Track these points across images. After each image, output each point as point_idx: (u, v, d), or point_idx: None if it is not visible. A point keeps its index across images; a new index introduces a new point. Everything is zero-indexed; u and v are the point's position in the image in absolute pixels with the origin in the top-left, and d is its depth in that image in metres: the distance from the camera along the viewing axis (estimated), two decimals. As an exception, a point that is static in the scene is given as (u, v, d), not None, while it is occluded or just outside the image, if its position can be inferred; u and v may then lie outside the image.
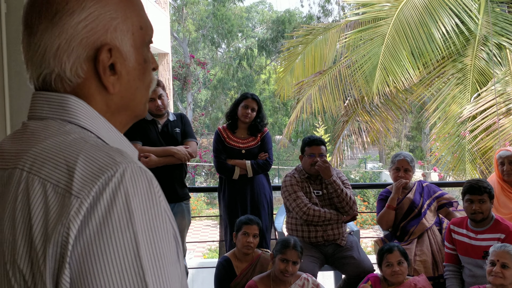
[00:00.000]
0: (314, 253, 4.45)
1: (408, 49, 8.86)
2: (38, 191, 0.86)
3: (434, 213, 4.72)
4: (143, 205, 0.85)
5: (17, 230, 0.86)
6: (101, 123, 1.00)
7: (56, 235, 0.82)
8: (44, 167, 0.88)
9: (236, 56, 25.88)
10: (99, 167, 0.86)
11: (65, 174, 0.86)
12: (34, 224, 0.84)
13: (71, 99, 0.97)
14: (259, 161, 4.93)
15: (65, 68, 0.96)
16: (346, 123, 9.93)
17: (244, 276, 4.13)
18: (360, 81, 9.09)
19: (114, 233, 0.82)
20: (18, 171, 0.90)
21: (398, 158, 4.79)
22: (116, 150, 0.90)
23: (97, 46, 0.97)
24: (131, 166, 0.87)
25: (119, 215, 0.83)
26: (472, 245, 4.10)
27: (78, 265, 0.81)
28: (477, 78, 8.81)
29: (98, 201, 0.83)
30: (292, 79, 10.54)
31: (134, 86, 1.03)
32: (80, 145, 0.90)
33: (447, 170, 9.12)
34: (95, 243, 0.82)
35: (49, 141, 0.92)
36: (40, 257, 0.83)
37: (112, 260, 0.81)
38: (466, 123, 8.47)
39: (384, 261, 3.95)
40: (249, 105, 4.92)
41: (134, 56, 1.02)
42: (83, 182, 0.84)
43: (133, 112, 1.06)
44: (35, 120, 0.98)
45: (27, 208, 0.86)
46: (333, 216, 4.53)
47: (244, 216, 4.34)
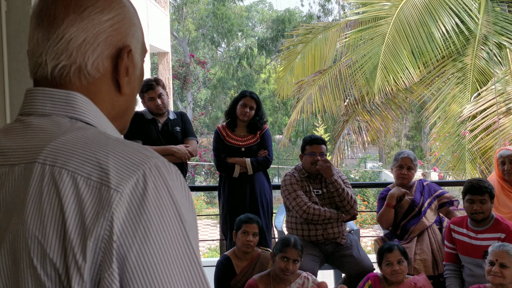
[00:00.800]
0: (314, 252, 4.45)
1: (408, 48, 8.87)
2: (68, 184, 0.85)
3: (434, 212, 4.71)
4: (181, 195, 0.88)
5: (47, 224, 0.84)
6: (106, 122, 1.01)
7: (98, 229, 0.82)
8: (71, 161, 0.87)
9: (236, 55, 25.87)
10: (133, 161, 0.87)
11: (97, 168, 0.86)
12: (69, 217, 0.83)
13: (78, 96, 0.97)
14: (259, 158, 4.92)
15: (87, 61, 0.97)
16: (346, 123, 9.94)
17: (244, 274, 4.13)
18: (361, 80, 9.09)
19: (166, 224, 0.84)
20: (38, 165, 0.88)
21: (402, 156, 4.78)
22: (141, 146, 0.92)
23: (119, 46, 1.00)
24: (161, 159, 0.90)
25: (167, 208, 0.85)
26: (472, 244, 4.10)
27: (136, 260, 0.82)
28: (477, 78, 8.81)
29: (139, 193, 0.84)
30: (292, 78, 10.55)
31: (135, 95, 1.07)
32: (105, 140, 0.91)
33: (447, 169, 9.12)
34: (150, 236, 0.83)
35: (68, 135, 0.91)
36: (77, 251, 0.82)
37: (169, 252, 0.83)
38: (466, 123, 8.47)
39: (384, 260, 3.95)
40: (248, 104, 4.92)
41: (140, 66, 1.07)
42: (120, 175, 0.85)
43: (124, 123, 1.09)
44: (36, 117, 0.96)
45: (57, 202, 0.84)
46: (333, 215, 4.53)
47: (244, 215, 4.33)
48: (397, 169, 4.77)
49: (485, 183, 4.12)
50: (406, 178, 4.75)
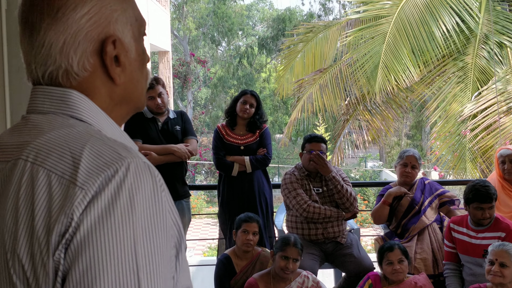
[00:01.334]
0: (314, 251, 4.44)
1: (409, 47, 8.85)
2: (43, 182, 0.86)
3: (435, 211, 4.70)
4: (146, 201, 0.86)
5: (19, 220, 0.85)
6: (103, 118, 1.00)
7: (59, 225, 0.82)
8: (49, 158, 0.88)
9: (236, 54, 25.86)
10: (104, 161, 0.86)
11: (71, 166, 0.86)
12: (37, 214, 0.84)
13: (73, 94, 0.97)
14: (258, 156, 4.92)
15: (73, 63, 0.96)
16: (346, 122, 9.93)
17: (244, 273, 4.13)
18: (361, 79, 9.08)
19: (115, 226, 0.82)
20: (22, 161, 0.90)
21: (407, 154, 4.76)
22: (121, 145, 0.90)
23: (101, 38, 0.98)
24: (136, 161, 0.88)
25: (121, 209, 0.83)
26: (472, 243, 4.09)
27: (75, 253, 0.81)
28: (478, 77, 8.80)
29: (101, 193, 0.83)
30: (292, 77, 10.54)
31: (136, 77, 1.05)
32: (86, 138, 0.90)
33: (447, 169, 9.11)
34: (95, 234, 0.82)
35: (53, 133, 0.92)
36: (43, 247, 0.83)
37: (109, 252, 0.81)
38: (466, 122, 8.46)
39: (384, 259, 3.94)
40: (248, 101, 4.92)
41: (135, 47, 1.04)
42: (88, 174, 0.85)
43: (135, 104, 1.08)
44: (36, 114, 0.97)
45: (30, 199, 0.85)
46: (333, 213, 4.52)
47: (244, 214, 4.32)
48: (401, 167, 4.75)
49: (491, 189, 4.04)
50: (409, 177, 4.74)
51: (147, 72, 1.09)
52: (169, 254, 0.89)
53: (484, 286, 3.69)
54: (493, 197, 4.02)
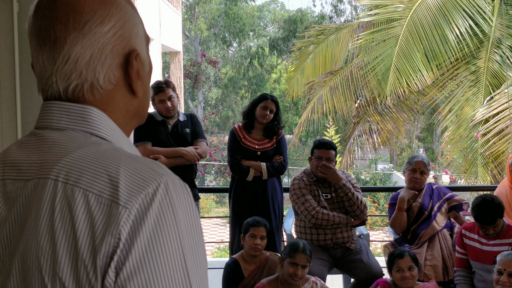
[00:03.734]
0: (323, 256, 4.41)
1: (421, 50, 8.81)
2: (80, 202, 0.84)
3: (445, 216, 4.66)
4: (187, 217, 0.87)
5: (58, 243, 0.83)
6: (120, 135, 1.00)
7: (106, 246, 0.81)
8: (83, 178, 0.86)
9: (247, 55, 25.85)
10: (143, 178, 0.86)
11: (108, 184, 0.85)
12: (80, 236, 0.82)
13: (93, 111, 0.96)
14: (275, 164, 4.89)
15: (99, 77, 0.95)
16: (357, 124, 9.89)
17: (252, 278, 4.11)
18: (372, 82, 9.04)
19: (165, 246, 0.83)
20: (51, 181, 0.88)
21: (416, 160, 4.73)
22: (153, 162, 0.90)
23: (126, 52, 0.98)
24: (172, 177, 0.88)
25: (168, 227, 0.84)
26: (483, 250, 4.05)
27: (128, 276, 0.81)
28: (490, 81, 8.74)
29: (147, 212, 0.83)
30: (303, 79, 10.52)
31: (147, 91, 1.05)
32: (116, 156, 0.89)
33: (459, 173, 9.04)
34: (147, 255, 0.82)
35: (81, 151, 0.90)
36: (90, 269, 0.81)
37: (163, 271, 0.82)
38: (478, 126, 8.40)
39: (394, 266, 3.91)
40: (268, 107, 4.89)
41: (148, 61, 1.05)
42: (129, 192, 0.84)
43: (141, 117, 1.08)
44: (51, 130, 0.95)
45: (69, 220, 0.84)
46: (342, 220, 4.49)
47: (251, 218, 4.29)
48: (410, 173, 4.72)
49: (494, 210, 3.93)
50: (418, 182, 4.71)
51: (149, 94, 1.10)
52: (206, 268, 0.90)
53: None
54: (496, 218, 3.95)
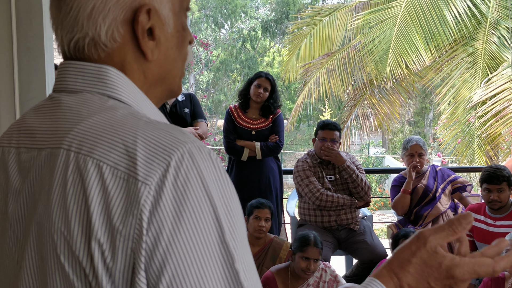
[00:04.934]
0: (327, 238, 4.36)
1: (420, 31, 8.74)
2: (93, 174, 0.75)
3: (448, 197, 4.64)
4: (218, 185, 0.76)
5: (72, 219, 0.75)
6: (142, 98, 0.89)
7: (128, 228, 0.72)
8: (97, 148, 0.77)
9: (239, 37, 25.66)
10: (163, 148, 0.75)
11: (124, 155, 0.75)
12: (94, 212, 0.74)
13: (110, 71, 0.86)
14: (269, 144, 4.82)
15: (100, 32, 0.84)
16: (354, 107, 9.83)
17: (256, 260, 4.04)
18: (370, 64, 8.97)
19: (196, 219, 0.73)
20: (63, 151, 0.79)
21: (411, 144, 4.69)
22: (175, 128, 0.79)
23: (135, 6, 0.85)
24: (197, 144, 0.77)
25: (198, 198, 0.73)
26: (490, 231, 4.02)
27: (159, 258, 0.72)
28: (488, 63, 8.70)
29: (170, 186, 0.73)
30: (298, 62, 10.41)
31: (172, 56, 0.92)
32: (134, 123, 0.79)
33: (455, 155, 9.03)
34: (177, 233, 0.72)
35: (96, 118, 0.81)
36: (105, 249, 0.73)
37: (199, 248, 0.72)
38: (476, 108, 8.37)
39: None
40: (262, 84, 4.80)
41: (173, 22, 0.91)
42: (148, 165, 0.74)
43: (169, 86, 0.95)
44: (67, 93, 0.86)
45: (82, 195, 0.75)
46: (346, 202, 4.44)
47: (256, 200, 4.23)
48: (409, 158, 4.68)
49: (503, 171, 4.03)
50: (419, 165, 4.67)
51: (186, 53, 0.96)
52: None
53: (502, 275, 3.61)
54: (502, 179, 3.96)
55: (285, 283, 3.66)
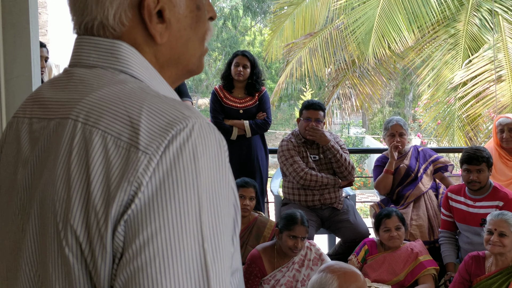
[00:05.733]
0: (310, 217, 4.39)
1: (403, 12, 8.76)
2: (97, 144, 0.77)
3: (430, 177, 4.70)
4: (210, 166, 0.77)
5: (72, 187, 0.77)
6: (154, 74, 0.90)
7: (121, 193, 0.74)
8: (103, 118, 0.78)
9: (220, 16, 25.48)
10: (167, 121, 0.77)
11: (128, 127, 0.77)
12: (93, 181, 0.75)
13: (123, 46, 0.87)
14: (258, 121, 4.84)
15: (108, 15, 0.86)
16: (336, 88, 9.85)
17: (241, 238, 4.08)
18: (353, 44, 8.98)
19: (178, 191, 0.74)
20: (71, 121, 0.81)
21: (391, 124, 4.72)
22: (181, 103, 0.81)
23: None
24: (200, 121, 0.79)
25: (184, 172, 0.75)
26: (470, 212, 4.09)
27: (135, 221, 0.73)
28: (469, 44, 8.77)
29: (163, 156, 0.75)
30: (280, 41, 10.39)
31: (185, 37, 0.92)
32: (141, 96, 0.81)
33: (436, 135, 9.13)
34: (156, 200, 0.74)
35: (104, 90, 0.82)
36: (100, 217, 0.74)
37: (172, 219, 0.74)
38: (456, 89, 8.46)
39: (382, 226, 3.93)
40: (240, 62, 4.81)
41: (185, 2, 0.91)
42: (150, 136, 0.76)
43: (185, 66, 0.96)
44: (81, 68, 0.88)
45: (85, 163, 0.77)
46: (330, 181, 4.48)
47: (240, 179, 4.24)
48: (390, 138, 4.72)
49: (482, 152, 4.08)
50: (400, 145, 4.71)
51: (204, 31, 0.96)
52: (230, 226, 0.81)
53: (483, 254, 3.69)
54: (481, 160, 4.02)
55: (271, 261, 3.70)
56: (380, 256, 3.93)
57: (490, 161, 4.08)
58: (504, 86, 8.17)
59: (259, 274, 3.63)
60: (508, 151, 4.67)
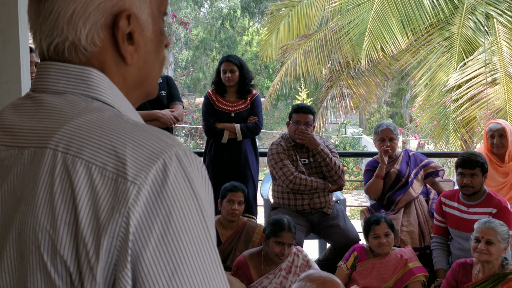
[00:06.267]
0: (300, 222, 4.40)
1: (397, 15, 8.76)
2: (82, 174, 0.77)
3: (421, 182, 4.70)
4: (202, 188, 0.81)
5: (58, 219, 0.76)
6: (123, 100, 0.91)
7: (113, 225, 0.74)
8: (86, 148, 0.78)
9: (218, 16, 25.46)
10: (152, 150, 0.78)
11: (113, 157, 0.77)
12: (81, 211, 0.75)
13: (94, 73, 0.87)
14: (249, 125, 4.85)
15: (81, 36, 0.86)
16: (330, 88, 9.85)
17: (229, 243, 4.08)
18: (347, 46, 8.98)
19: (186, 219, 0.77)
20: (50, 151, 0.80)
21: (381, 129, 4.73)
22: (160, 131, 0.83)
23: (115, 12, 0.87)
24: (183, 148, 0.81)
25: (188, 200, 0.77)
26: (463, 218, 4.08)
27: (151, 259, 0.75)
28: (464, 47, 8.76)
29: (162, 189, 0.76)
30: (276, 42, 10.40)
31: (150, 60, 0.94)
32: (121, 125, 0.81)
33: (430, 138, 9.13)
34: (168, 234, 0.75)
35: (82, 118, 0.82)
36: (90, 248, 0.75)
37: (191, 249, 0.76)
38: (451, 92, 8.46)
39: (371, 232, 3.93)
40: (227, 69, 4.82)
41: (152, 26, 0.93)
42: (138, 166, 0.76)
43: (146, 89, 0.97)
44: (49, 94, 0.87)
45: (70, 194, 0.76)
46: (319, 185, 4.49)
47: (229, 183, 4.25)
48: (380, 142, 4.73)
49: (477, 157, 4.08)
50: (390, 150, 4.71)
51: (164, 57, 0.98)
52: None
53: (470, 261, 3.70)
54: (475, 164, 4.02)
55: (257, 268, 3.69)
56: (369, 263, 3.93)
57: (485, 167, 4.08)
58: (499, 89, 8.17)
59: (245, 281, 3.63)
60: (499, 156, 4.68)
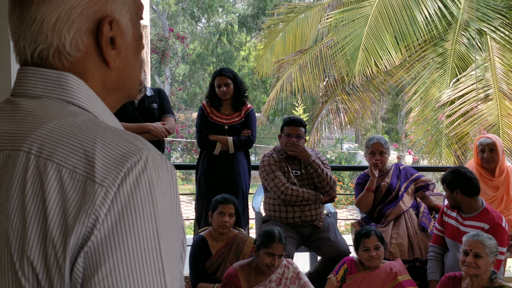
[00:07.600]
0: (291, 234, 4.41)
1: (391, 31, 8.83)
2: (53, 177, 0.79)
3: (411, 196, 4.72)
4: (165, 195, 0.82)
5: (28, 220, 0.78)
6: (100, 104, 0.93)
7: (79, 225, 0.76)
8: (57, 151, 0.80)
9: (216, 31, 25.60)
10: (121, 154, 0.80)
11: (83, 159, 0.79)
12: (50, 213, 0.77)
13: (70, 78, 0.90)
14: (242, 138, 4.85)
15: (65, 42, 0.89)
16: (325, 103, 9.90)
17: (220, 255, 4.08)
18: (341, 61, 9.04)
19: (137, 222, 0.78)
20: (23, 153, 0.82)
21: (372, 142, 4.76)
22: (133, 135, 0.85)
23: (98, 17, 0.90)
24: (153, 153, 0.82)
25: (142, 203, 0.79)
26: (458, 229, 4.10)
27: (96, 253, 0.76)
28: (457, 63, 8.83)
29: (121, 188, 0.78)
30: (272, 57, 10.47)
31: (131, 63, 0.98)
32: (93, 128, 0.83)
33: (423, 153, 9.16)
34: (116, 232, 0.77)
35: (55, 122, 0.84)
36: (58, 249, 0.77)
37: (133, 251, 0.77)
38: (444, 108, 8.50)
39: (361, 245, 3.93)
40: (221, 83, 4.84)
41: (132, 31, 0.97)
42: (106, 169, 0.78)
43: (127, 91, 1.00)
44: (27, 98, 0.89)
45: (40, 195, 0.78)
46: (311, 196, 4.50)
47: (220, 196, 4.25)
48: (370, 156, 4.76)
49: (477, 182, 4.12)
50: (380, 164, 4.73)
51: (142, 59, 1.02)
52: (179, 250, 0.86)
53: (459, 275, 3.70)
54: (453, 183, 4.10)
55: (248, 279, 3.69)
56: (359, 276, 3.93)
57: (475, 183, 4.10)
58: (492, 105, 8.22)
59: (235, 292, 3.63)
60: (489, 170, 4.70)
